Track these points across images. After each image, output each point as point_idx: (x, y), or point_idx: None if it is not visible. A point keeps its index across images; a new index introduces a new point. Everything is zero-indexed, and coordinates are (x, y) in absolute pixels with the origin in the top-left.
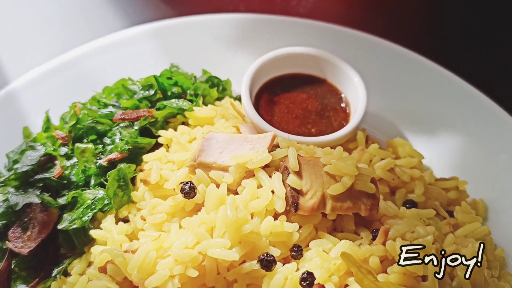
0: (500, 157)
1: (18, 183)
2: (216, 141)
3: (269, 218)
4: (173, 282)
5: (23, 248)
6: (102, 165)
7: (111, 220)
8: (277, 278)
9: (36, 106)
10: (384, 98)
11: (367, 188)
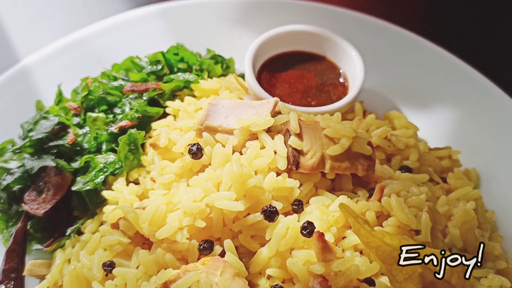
0: (491, 128)
1: (33, 150)
2: (221, 106)
3: (272, 174)
4: (182, 233)
5: (39, 210)
6: (113, 132)
7: (122, 182)
8: (279, 228)
9: (48, 82)
10: (381, 76)
11: (364, 150)
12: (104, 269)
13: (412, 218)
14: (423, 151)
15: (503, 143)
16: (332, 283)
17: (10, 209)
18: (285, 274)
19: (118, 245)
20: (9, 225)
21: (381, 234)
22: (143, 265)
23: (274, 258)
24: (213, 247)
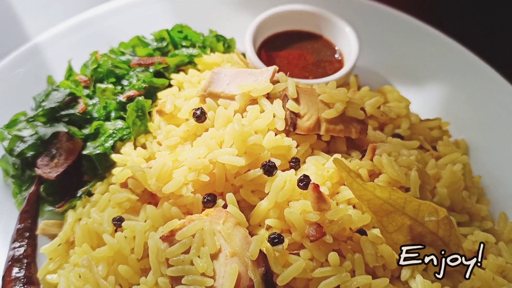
0: (479, 102)
1: (45, 119)
2: (224, 74)
3: (270, 133)
4: (187, 187)
5: (51, 173)
6: (122, 101)
7: (130, 146)
8: (277, 181)
9: (58, 60)
10: (375, 54)
11: (357, 115)
12: (113, 224)
13: (402, 175)
14: (414, 122)
15: (491, 115)
16: (326, 230)
17: (24, 174)
18: (283, 225)
19: (127, 202)
20: (22, 189)
21: (372, 187)
22: (151, 218)
23: (273, 209)
24: (216, 200)
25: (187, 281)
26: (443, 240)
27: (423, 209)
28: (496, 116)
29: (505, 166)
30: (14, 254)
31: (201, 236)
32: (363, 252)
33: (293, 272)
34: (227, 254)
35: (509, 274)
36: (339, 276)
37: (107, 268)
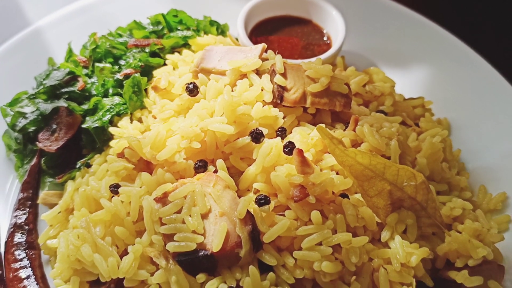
0: (461, 83)
1: (46, 96)
2: (215, 52)
3: (258, 104)
4: (180, 154)
5: (52, 147)
6: (119, 79)
7: (126, 120)
8: (264, 147)
9: (58, 43)
10: (362, 39)
11: (341, 89)
12: (110, 190)
13: (382, 143)
14: (398, 100)
15: (472, 95)
16: (309, 192)
17: (25, 149)
18: (270, 189)
19: (123, 170)
20: (24, 163)
21: (353, 153)
22: (146, 184)
23: (260, 174)
24: (207, 166)
25: (179, 238)
26: (421, 204)
27: (402, 174)
28: (477, 96)
29: (485, 143)
30: (16, 222)
31: (192, 197)
32: (345, 213)
33: (278, 230)
34: (216, 214)
35: (485, 238)
36: (321, 233)
37: (104, 230)
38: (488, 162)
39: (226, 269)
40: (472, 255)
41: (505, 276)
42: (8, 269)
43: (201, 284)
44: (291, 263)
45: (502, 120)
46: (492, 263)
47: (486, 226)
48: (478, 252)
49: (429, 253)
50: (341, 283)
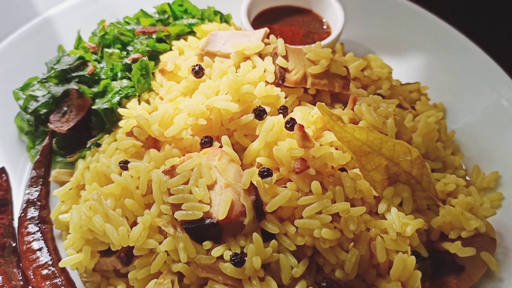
0: (456, 70)
1: (57, 80)
2: (220, 36)
3: (261, 83)
4: (187, 131)
5: (63, 127)
6: (127, 63)
7: (135, 102)
8: (267, 123)
9: (67, 32)
10: (360, 28)
11: (340, 71)
12: (120, 166)
13: (379, 120)
14: (395, 85)
15: (467, 81)
16: (310, 164)
17: (37, 130)
18: (272, 163)
19: (132, 148)
20: (36, 144)
21: (351, 129)
22: (154, 160)
23: (263, 149)
24: (212, 142)
25: (186, 207)
26: (416, 178)
27: (398, 149)
28: (471, 81)
29: (479, 126)
30: (29, 198)
31: (199, 170)
32: (343, 185)
33: (280, 200)
34: (221, 185)
35: (478, 212)
36: (321, 203)
37: (115, 203)
38: (481, 144)
39: (231, 237)
40: (465, 227)
41: (497, 249)
42: (22, 242)
43: (207, 251)
44: (292, 231)
45: (495, 103)
46: (484, 235)
47: (479, 201)
48: (470, 224)
49: (423, 224)
50: (339, 249)
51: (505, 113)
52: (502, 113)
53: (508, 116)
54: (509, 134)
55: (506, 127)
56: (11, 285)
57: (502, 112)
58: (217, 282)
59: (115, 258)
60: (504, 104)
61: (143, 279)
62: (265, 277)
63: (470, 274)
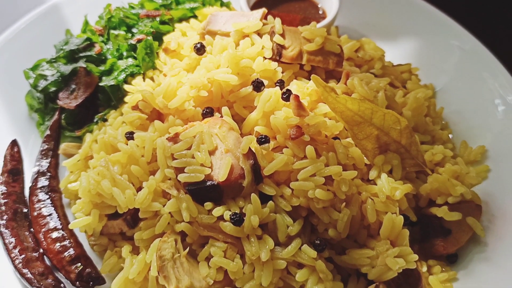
0: (445, 53)
1: (65, 60)
2: (220, 16)
3: (259, 58)
4: (189, 102)
5: (71, 104)
6: (132, 44)
7: (139, 79)
8: (264, 95)
9: (73, 19)
10: (354, 14)
11: (334, 49)
12: (126, 137)
13: (370, 93)
14: (387, 65)
15: (456, 64)
16: (304, 131)
17: (46, 107)
18: (270, 132)
19: (138, 120)
20: (45, 120)
21: (344, 99)
22: (158, 130)
23: (261, 119)
24: (213, 113)
25: (189, 170)
26: (405, 147)
27: (388, 119)
28: (460, 63)
29: (467, 105)
30: (39, 169)
31: (201, 137)
32: (336, 151)
33: (277, 164)
34: (222, 151)
35: (464, 180)
36: (315, 166)
37: (121, 169)
38: (469, 122)
39: (231, 199)
40: (452, 193)
41: (483, 217)
42: (33, 209)
43: (208, 211)
44: (288, 193)
45: (482, 84)
46: (470, 202)
47: (465, 171)
48: (456, 190)
49: (412, 189)
50: (332, 210)
51: (492, 94)
52: (489, 94)
53: (495, 96)
54: (495, 112)
55: (493, 107)
56: (23, 246)
57: (490, 93)
58: (218, 240)
59: (122, 221)
60: (491, 85)
61: (148, 239)
62: (262, 236)
63: (456, 238)
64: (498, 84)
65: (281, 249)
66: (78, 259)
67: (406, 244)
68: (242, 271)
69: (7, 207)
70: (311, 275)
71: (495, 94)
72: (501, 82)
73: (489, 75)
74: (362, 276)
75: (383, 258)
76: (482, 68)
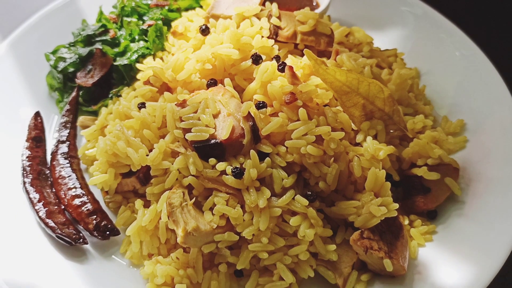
0: (431, 42)
1: (83, 44)
2: (223, 1)
3: (258, 36)
4: (195, 75)
5: (88, 81)
6: (143, 29)
7: (150, 59)
8: (262, 66)
9: (88, 11)
10: (346, 8)
11: (325, 31)
12: (138, 107)
13: (357, 66)
14: (375, 49)
15: (439, 51)
16: (298, 97)
17: (65, 86)
18: (267, 100)
19: (149, 92)
20: (64, 98)
21: (333, 71)
22: (167, 100)
23: (259, 88)
24: (217, 83)
25: (195, 130)
26: (388, 114)
27: (372, 88)
28: (443, 50)
29: (447, 86)
30: (59, 138)
31: (206, 102)
32: (326, 115)
33: (273, 125)
34: (224, 114)
35: (443, 145)
36: (306, 126)
37: (135, 133)
38: (450, 99)
39: (232, 157)
40: (430, 155)
41: (461, 180)
42: (54, 172)
43: (212, 166)
44: (283, 150)
45: (462, 68)
46: (448, 165)
47: (444, 137)
48: (434, 152)
49: (394, 150)
50: (322, 164)
51: (473, 76)
52: (468, 73)
53: (476, 77)
54: (475, 91)
55: (473, 86)
56: (46, 201)
57: (468, 73)
58: (221, 192)
59: (135, 178)
60: (472, 70)
61: (158, 193)
62: (260, 187)
63: (435, 195)
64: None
65: (276, 199)
66: (95, 213)
67: (389, 195)
68: (242, 218)
69: (31, 169)
70: (303, 221)
71: (477, 76)
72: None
73: (470, 61)
74: (350, 226)
75: (368, 207)
76: (464, 56)
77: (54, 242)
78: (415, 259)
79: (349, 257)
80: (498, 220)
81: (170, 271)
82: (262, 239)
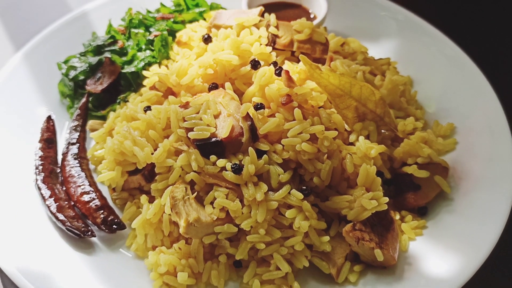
0: (423, 52)
1: (93, 54)
2: (225, 13)
3: (256, 43)
4: (198, 79)
5: (97, 88)
6: (150, 39)
7: (156, 66)
8: (260, 71)
9: (98, 25)
10: (341, 20)
11: (320, 39)
12: (144, 110)
13: (350, 71)
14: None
15: (431, 60)
16: (293, 98)
17: (76, 93)
18: (265, 102)
19: (154, 96)
20: (74, 104)
21: (327, 75)
22: (172, 103)
23: (257, 91)
24: (218, 87)
25: (197, 129)
26: (380, 116)
27: (364, 91)
28: (435, 62)
29: (439, 93)
30: (70, 141)
31: (207, 104)
32: (320, 116)
33: (271, 125)
34: (225, 115)
35: (433, 145)
36: (301, 125)
37: (141, 134)
38: (441, 103)
39: (232, 154)
40: (420, 154)
41: (450, 179)
42: (64, 171)
43: (213, 163)
44: (279, 148)
45: (454, 76)
46: (437, 164)
47: (433, 138)
48: (424, 151)
49: (385, 149)
50: (316, 161)
51: (464, 83)
52: (458, 81)
53: (465, 82)
54: (466, 97)
55: (464, 92)
56: (57, 196)
57: (458, 81)
58: (221, 186)
59: (140, 176)
60: (462, 77)
61: (162, 189)
62: (258, 183)
63: (425, 193)
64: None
65: (273, 193)
66: (103, 208)
67: (380, 190)
68: (241, 211)
69: (43, 167)
70: (298, 214)
71: (466, 82)
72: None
73: (459, 69)
74: (344, 221)
75: (360, 201)
76: (452, 61)
77: (64, 235)
78: (406, 252)
79: (343, 248)
80: (484, 215)
81: (172, 261)
82: (260, 231)
